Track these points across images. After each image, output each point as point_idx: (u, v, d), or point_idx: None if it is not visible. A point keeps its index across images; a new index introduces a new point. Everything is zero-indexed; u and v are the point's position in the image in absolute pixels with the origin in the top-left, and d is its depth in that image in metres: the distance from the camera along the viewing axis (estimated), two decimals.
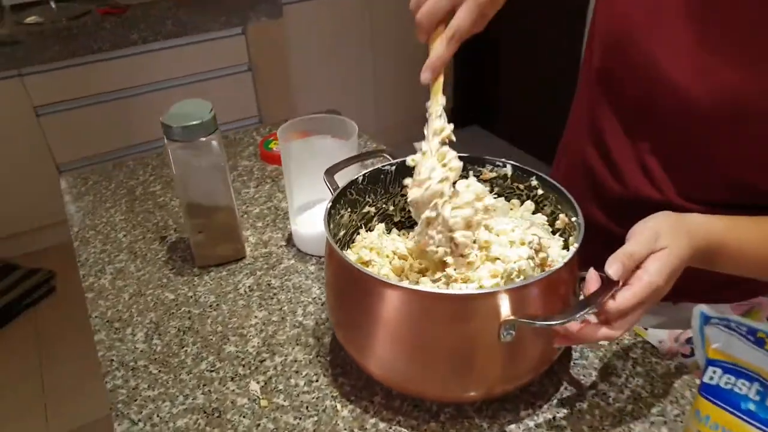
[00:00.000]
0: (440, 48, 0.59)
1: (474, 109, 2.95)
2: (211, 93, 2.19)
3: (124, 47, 1.98)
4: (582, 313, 0.52)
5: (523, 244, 0.61)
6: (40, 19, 1.96)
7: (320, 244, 0.84)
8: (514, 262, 0.58)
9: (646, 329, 0.84)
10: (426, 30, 0.59)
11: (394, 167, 0.72)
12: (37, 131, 1.97)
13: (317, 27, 2.49)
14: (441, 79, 0.61)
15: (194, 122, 0.76)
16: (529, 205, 0.70)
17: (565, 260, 0.56)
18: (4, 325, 1.92)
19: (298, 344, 0.72)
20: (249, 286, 0.81)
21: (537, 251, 0.61)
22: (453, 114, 0.61)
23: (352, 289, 0.60)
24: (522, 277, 0.59)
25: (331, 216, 0.65)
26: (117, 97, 2.03)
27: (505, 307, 0.54)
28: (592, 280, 0.56)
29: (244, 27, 2.16)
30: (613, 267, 0.53)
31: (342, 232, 0.70)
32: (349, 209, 0.70)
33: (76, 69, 1.95)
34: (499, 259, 0.60)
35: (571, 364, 0.69)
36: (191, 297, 0.80)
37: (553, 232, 0.68)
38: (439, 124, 0.61)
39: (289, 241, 0.89)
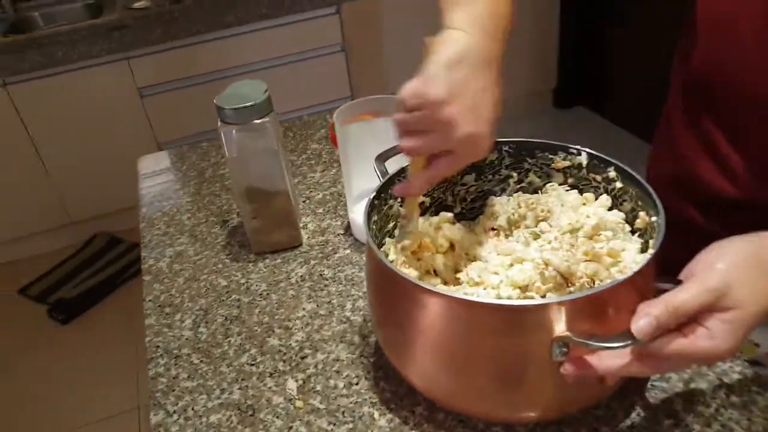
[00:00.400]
0: (421, 180, 0.57)
1: (579, 89, 2.75)
2: (304, 74, 2.19)
3: (221, 29, 2.02)
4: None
5: (536, 237, 0.55)
6: (147, 3, 2.05)
7: None
8: (538, 258, 0.53)
9: (756, 345, 0.71)
10: (411, 154, 0.56)
11: None
12: (141, 111, 2.07)
13: (413, 5, 2.41)
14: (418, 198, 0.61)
15: (247, 104, 0.73)
16: (605, 200, 0.60)
17: (636, 269, 0.47)
18: (107, 295, 2.06)
19: (342, 342, 0.68)
20: (301, 276, 0.78)
21: (574, 245, 0.54)
22: (557, 94, 0.55)
23: (391, 290, 0.55)
24: (550, 267, 0.52)
25: (374, 207, 0.60)
26: (213, 78, 2.09)
27: (558, 321, 0.46)
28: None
29: (338, 6, 2.14)
30: (641, 323, 0.42)
31: (391, 224, 0.65)
32: (399, 199, 0.64)
33: (177, 51, 2.02)
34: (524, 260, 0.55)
35: (649, 385, 0.59)
36: (243, 284, 0.78)
37: (633, 232, 0.58)
38: (408, 242, 0.60)
39: (348, 229, 0.85)
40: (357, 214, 0.81)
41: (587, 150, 0.60)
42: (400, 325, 0.54)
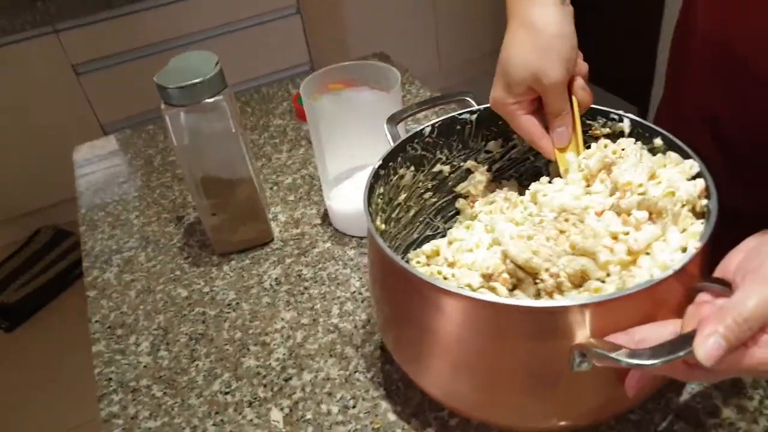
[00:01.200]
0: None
1: None
2: (258, 40, 2.03)
3: None
4: (689, 349, 0.34)
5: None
6: None
7: (360, 222, 0.69)
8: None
9: None
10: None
11: (475, 116, 0.56)
12: (79, 91, 1.88)
13: None
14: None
15: (196, 80, 0.60)
16: (689, 166, 0.46)
17: (677, 267, 0.37)
18: (57, 295, 1.89)
19: (331, 356, 0.57)
20: (276, 278, 0.67)
21: (563, 231, 0.44)
22: None
23: (398, 287, 0.45)
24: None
25: (379, 177, 0.51)
26: (159, 50, 1.91)
27: (580, 328, 0.37)
28: (693, 316, 0.37)
29: None
30: (709, 346, 0.32)
31: (403, 195, 0.56)
32: (412, 168, 0.55)
33: (114, 22, 1.83)
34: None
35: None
36: (207, 293, 0.66)
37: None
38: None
39: (325, 218, 0.74)
40: (335, 200, 0.70)
41: (630, 116, 0.50)
42: (413, 327, 0.45)
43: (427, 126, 0.55)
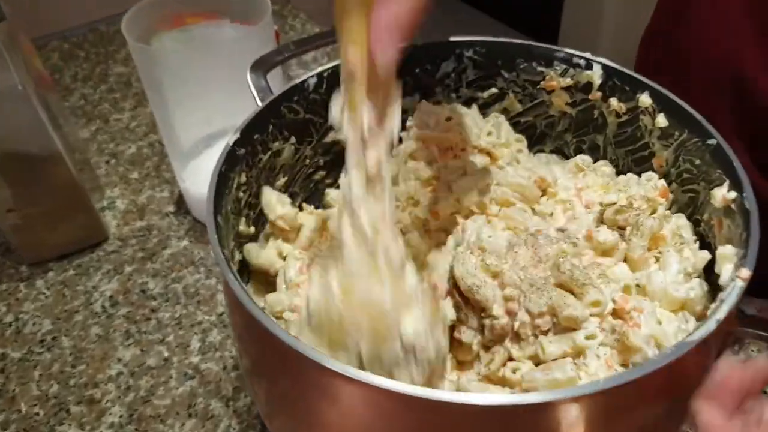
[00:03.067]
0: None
1: None
2: None
3: None
4: None
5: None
6: None
7: None
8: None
9: None
10: None
11: None
12: None
13: None
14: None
15: None
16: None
17: (720, 317, 0.24)
18: None
19: (191, 415, 0.40)
20: (110, 297, 0.48)
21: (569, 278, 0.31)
22: None
23: (262, 345, 0.29)
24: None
25: (239, 161, 0.34)
26: None
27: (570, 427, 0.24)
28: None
29: None
30: None
31: (282, 179, 0.40)
32: (293, 139, 0.39)
33: None
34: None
35: None
36: (10, 325, 0.46)
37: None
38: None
39: (181, 204, 0.55)
40: (190, 181, 0.52)
41: (602, 60, 0.35)
42: (296, 411, 0.30)
43: (311, 76, 0.37)
